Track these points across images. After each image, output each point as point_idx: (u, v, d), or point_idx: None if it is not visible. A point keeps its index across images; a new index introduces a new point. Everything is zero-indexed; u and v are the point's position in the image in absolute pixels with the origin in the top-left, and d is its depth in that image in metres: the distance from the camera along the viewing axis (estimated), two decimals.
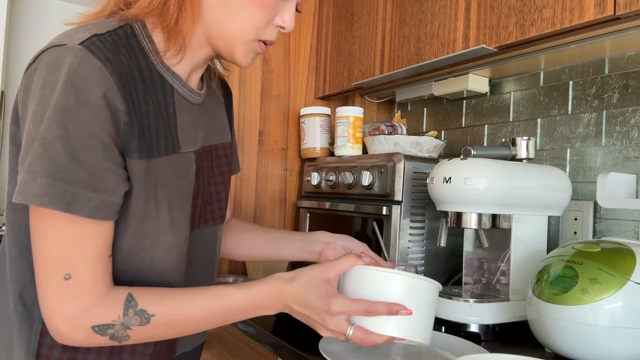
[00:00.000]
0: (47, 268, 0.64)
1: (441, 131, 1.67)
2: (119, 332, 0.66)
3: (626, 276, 0.85)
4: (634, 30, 1.00)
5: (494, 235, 1.19)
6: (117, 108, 0.65)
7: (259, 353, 1.18)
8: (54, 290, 0.64)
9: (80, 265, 0.64)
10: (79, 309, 0.64)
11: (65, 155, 0.61)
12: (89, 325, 0.65)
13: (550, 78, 1.35)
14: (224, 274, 1.58)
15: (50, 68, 0.63)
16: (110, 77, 0.64)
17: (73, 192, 0.61)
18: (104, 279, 0.66)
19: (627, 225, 1.16)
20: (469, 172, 1.04)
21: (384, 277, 0.73)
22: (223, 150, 0.90)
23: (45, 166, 0.60)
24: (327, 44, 1.73)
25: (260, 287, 0.73)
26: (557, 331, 0.89)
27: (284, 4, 0.76)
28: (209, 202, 0.86)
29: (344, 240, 0.97)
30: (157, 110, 0.72)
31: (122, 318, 0.66)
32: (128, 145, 0.67)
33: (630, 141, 1.17)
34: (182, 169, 0.77)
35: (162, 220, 0.72)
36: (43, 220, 0.63)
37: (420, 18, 1.33)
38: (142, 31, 0.72)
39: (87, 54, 0.63)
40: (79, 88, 0.62)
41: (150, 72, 0.72)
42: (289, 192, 1.74)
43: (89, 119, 0.62)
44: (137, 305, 0.67)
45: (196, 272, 0.85)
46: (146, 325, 0.67)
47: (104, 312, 0.65)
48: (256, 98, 1.67)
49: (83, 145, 0.62)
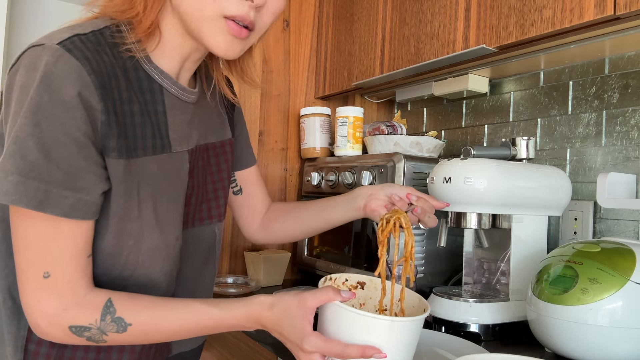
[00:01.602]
0: (26, 266, 0.64)
1: (441, 131, 1.67)
2: (95, 336, 0.67)
3: (626, 276, 0.85)
4: (634, 30, 1.00)
5: (494, 235, 1.19)
6: (94, 107, 0.64)
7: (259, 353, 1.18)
8: (33, 287, 0.64)
9: (59, 264, 0.64)
10: (57, 306, 0.65)
11: (38, 153, 0.61)
12: (66, 325, 0.65)
13: (550, 78, 1.35)
14: (224, 274, 1.58)
15: (28, 68, 0.63)
16: (88, 76, 0.63)
17: (46, 190, 0.61)
18: (83, 278, 0.66)
19: (627, 225, 1.16)
20: (469, 172, 1.04)
21: (358, 319, 0.68)
22: (222, 148, 0.89)
23: (17, 164, 0.60)
24: (327, 44, 1.73)
25: (241, 310, 0.72)
26: (557, 331, 0.89)
27: None
28: (204, 201, 0.86)
29: (385, 189, 0.94)
30: (142, 109, 0.71)
31: (99, 323, 0.66)
32: (106, 144, 0.66)
33: (630, 141, 1.17)
34: (173, 168, 0.76)
35: (146, 220, 0.72)
36: (22, 218, 0.64)
37: (420, 18, 1.33)
38: (128, 31, 0.71)
39: (64, 53, 0.62)
40: (53, 87, 0.61)
41: (137, 72, 0.71)
42: (289, 192, 1.74)
43: (64, 118, 0.62)
44: (115, 312, 0.67)
45: (191, 270, 0.84)
46: (122, 333, 0.67)
47: (82, 314, 0.66)
48: (256, 98, 1.68)
49: (57, 143, 0.62)
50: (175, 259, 0.78)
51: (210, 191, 0.87)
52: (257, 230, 1.06)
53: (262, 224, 1.06)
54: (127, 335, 0.68)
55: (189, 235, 0.83)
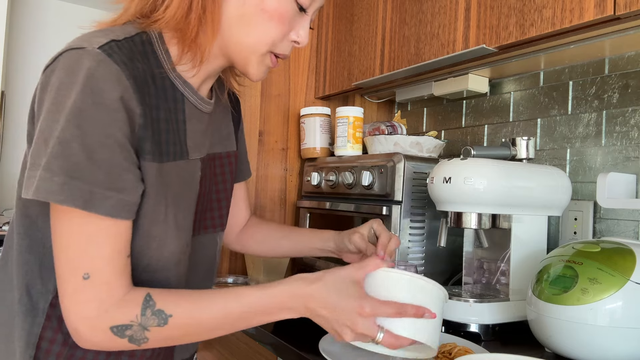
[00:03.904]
0: (66, 266, 0.64)
1: (441, 131, 1.67)
2: (137, 334, 0.65)
3: (626, 276, 0.85)
4: (634, 30, 1.00)
5: (494, 235, 1.19)
6: (133, 110, 0.66)
7: (259, 353, 1.18)
8: (72, 290, 0.64)
9: (98, 264, 0.64)
10: (97, 308, 0.64)
11: (82, 155, 0.62)
12: (107, 326, 0.64)
13: (550, 78, 1.35)
14: (224, 274, 1.58)
15: (67, 70, 0.64)
16: (127, 80, 0.65)
17: (90, 191, 0.62)
18: (122, 278, 0.66)
19: (627, 225, 1.16)
20: (469, 172, 1.04)
21: (410, 280, 0.74)
22: (227, 159, 0.91)
23: (62, 165, 0.61)
24: (327, 44, 1.73)
25: (283, 287, 0.71)
26: (557, 331, 0.89)
27: (300, 20, 0.78)
28: (208, 210, 0.87)
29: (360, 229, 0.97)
30: (167, 117, 0.73)
31: (140, 318, 0.65)
32: (142, 147, 0.69)
33: (630, 141, 1.17)
34: (188, 175, 0.78)
35: (170, 224, 0.73)
36: (61, 219, 0.64)
37: (420, 18, 1.33)
38: (158, 40, 0.73)
39: (105, 58, 0.64)
40: (96, 91, 0.63)
41: (162, 80, 0.73)
42: (289, 192, 1.74)
43: (106, 120, 0.63)
44: (154, 305, 0.66)
45: (194, 278, 0.85)
46: (164, 326, 0.66)
47: (122, 312, 0.65)
48: (256, 98, 1.68)
49: (99, 145, 0.63)
50: (185, 266, 0.80)
51: (214, 200, 0.88)
52: (233, 240, 1.09)
53: (239, 237, 1.08)
54: (169, 328, 0.66)
55: (195, 242, 0.83)
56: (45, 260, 0.70)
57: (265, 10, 0.73)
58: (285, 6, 0.74)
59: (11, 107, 3.21)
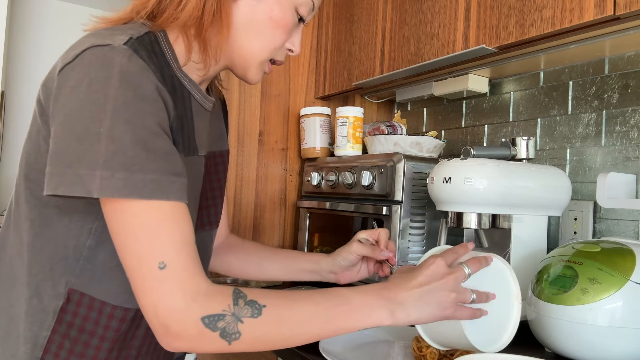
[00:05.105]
0: (138, 262, 0.61)
1: (441, 131, 1.67)
2: (230, 326, 0.61)
3: (626, 276, 0.85)
4: (634, 30, 1.00)
5: (494, 235, 1.19)
6: (167, 101, 0.68)
7: (259, 353, 1.18)
8: (151, 284, 0.61)
9: (172, 251, 0.62)
10: (183, 298, 0.60)
11: (137, 147, 0.62)
12: (198, 317, 0.60)
13: (550, 78, 1.35)
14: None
15: (96, 66, 0.63)
16: (153, 74, 0.66)
17: (153, 179, 0.62)
18: (197, 264, 0.64)
19: (627, 225, 1.16)
20: (469, 172, 1.04)
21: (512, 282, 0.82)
22: (221, 158, 0.92)
23: (120, 161, 0.61)
24: (327, 44, 1.73)
25: (365, 286, 0.72)
26: (557, 331, 0.89)
27: (296, 30, 0.82)
28: (205, 207, 0.87)
29: None
30: (179, 113, 0.74)
31: (233, 308, 0.62)
32: (175, 138, 0.71)
33: (630, 141, 1.17)
34: (196, 171, 0.80)
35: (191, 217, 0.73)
36: (124, 214, 0.62)
37: (420, 18, 1.33)
38: (165, 39, 0.74)
39: (132, 54, 0.65)
40: (134, 84, 0.63)
41: (172, 78, 0.74)
42: (289, 192, 1.74)
43: (150, 110, 0.64)
44: (246, 296, 0.64)
45: None
46: (258, 317, 0.63)
47: (212, 301, 0.62)
48: (256, 98, 1.68)
49: (151, 134, 0.63)
50: None
51: (209, 197, 0.89)
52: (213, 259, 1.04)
53: (217, 252, 1.04)
54: (263, 320, 0.63)
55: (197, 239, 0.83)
56: (56, 261, 0.69)
57: (273, 19, 0.77)
58: (289, 17, 0.78)
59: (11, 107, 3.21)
